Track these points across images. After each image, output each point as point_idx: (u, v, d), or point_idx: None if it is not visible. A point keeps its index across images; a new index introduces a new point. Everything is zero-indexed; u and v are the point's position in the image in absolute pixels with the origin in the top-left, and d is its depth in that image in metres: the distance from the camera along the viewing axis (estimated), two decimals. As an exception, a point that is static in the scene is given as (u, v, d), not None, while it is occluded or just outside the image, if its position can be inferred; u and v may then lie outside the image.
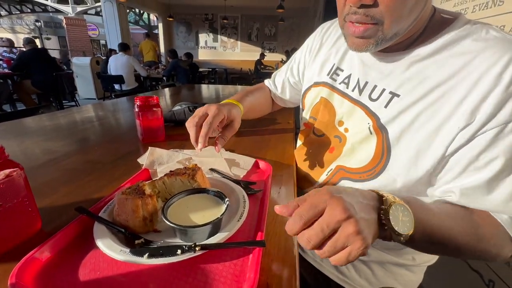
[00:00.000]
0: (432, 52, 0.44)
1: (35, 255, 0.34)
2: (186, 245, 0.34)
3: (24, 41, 3.97)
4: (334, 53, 0.62)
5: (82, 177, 0.59)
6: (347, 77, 0.57)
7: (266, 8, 8.52)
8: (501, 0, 0.88)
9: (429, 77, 0.43)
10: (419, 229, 0.35)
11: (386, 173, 0.48)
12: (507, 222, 0.39)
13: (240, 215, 0.41)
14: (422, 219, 0.36)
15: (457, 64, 0.41)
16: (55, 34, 13.15)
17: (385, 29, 0.41)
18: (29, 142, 0.81)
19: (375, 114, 0.49)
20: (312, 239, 0.30)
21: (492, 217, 0.41)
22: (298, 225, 0.30)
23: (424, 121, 0.43)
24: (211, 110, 0.54)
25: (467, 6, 1.04)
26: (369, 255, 0.58)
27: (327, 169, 0.59)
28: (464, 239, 0.38)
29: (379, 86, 0.50)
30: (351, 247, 0.29)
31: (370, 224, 0.31)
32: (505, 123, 0.37)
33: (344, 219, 0.29)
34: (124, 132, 0.99)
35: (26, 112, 1.28)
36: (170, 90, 2.21)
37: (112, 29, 6.98)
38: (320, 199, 0.31)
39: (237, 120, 0.59)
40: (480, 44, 0.40)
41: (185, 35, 9.99)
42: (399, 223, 0.32)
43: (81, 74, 5.60)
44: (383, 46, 0.44)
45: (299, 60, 0.74)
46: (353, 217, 0.29)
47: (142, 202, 0.39)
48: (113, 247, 0.35)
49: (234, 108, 0.61)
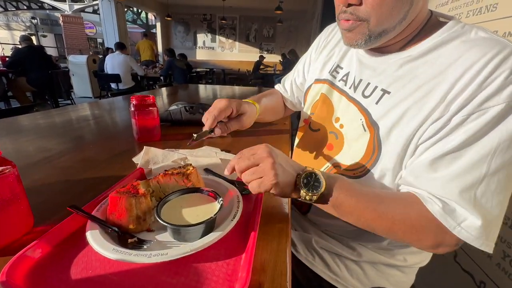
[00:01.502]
0: (423, 52, 0.47)
1: (27, 253, 0.33)
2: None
3: (20, 38, 3.94)
4: (336, 52, 0.64)
5: (76, 175, 0.59)
6: (346, 75, 0.59)
7: (265, 9, 8.55)
8: (494, 6, 0.89)
9: (419, 76, 0.46)
10: (328, 195, 0.43)
11: (376, 168, 0.50)
12: (439, 212, 0.40)
13: (234, 215, 0.41)
14: (337, 188, 0.43)
15: (444, 63, 0.43)
16: (52, 31, 13.03)
17: (371, 26, 0.45)
18: (23, 140, 0.80)
19: (367, 110, 0.51)
20: (240, 164, 0.42)
21: (422, 205, 0.42)
22: (236, 159, 0.43)
23: (412, 115, 0.44)
24: (220, 103, 0.57)
25: (462, 11, 1.06)
26: (361, 255, 0.58)
27: (323, 167, 0.60)
28: (377, 215, 0.42)
29: (372, 84, 0.52)
30: (263, 178, 0.40)
31: (286, 175, 0.41)
32: (468, 115, 0.39)
33: (266, 157, 0.41)
34: (119, 131, 0.99)
35: (20, 110, 1.26)
36: (167, 90, 2.20)
37: (110, 27, 6.94)
38: (259, 147, 0.43)
39: (247, 115, 0.62)
40: (467, 44, 0.42)
41: (183, 35, 9.97)
42: (310, 186, 0.42)
43: (77, 72, 5.56)
44: (374, 42, 0.47)
45: (305, 60, 0.76)
46: (272, 158, 0.40)
47: (135, 201, 0.39)
48: (106, 245, 0.34)
49: (248, 105, 0.63)
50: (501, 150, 0.38)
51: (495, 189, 0.39)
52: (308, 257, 0.60)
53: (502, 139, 0.37)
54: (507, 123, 0.37)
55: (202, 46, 10.08)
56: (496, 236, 0.40)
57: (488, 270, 0.86)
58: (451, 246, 0.42)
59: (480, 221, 0.38)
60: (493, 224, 0.40)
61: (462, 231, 0.39)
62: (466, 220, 0.39)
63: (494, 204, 0.39)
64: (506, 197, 0.40)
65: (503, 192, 0.39)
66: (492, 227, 0.40)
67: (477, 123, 0.38)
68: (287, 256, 0.38)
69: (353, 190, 0.44)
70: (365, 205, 0.43)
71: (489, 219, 0.39)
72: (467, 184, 0.39)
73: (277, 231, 0.43)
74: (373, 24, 0.44)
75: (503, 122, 0.38)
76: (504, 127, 0.37)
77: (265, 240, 0.41)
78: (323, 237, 0.62)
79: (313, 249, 0.60)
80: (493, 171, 0.38)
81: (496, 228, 0.40)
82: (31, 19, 11.97)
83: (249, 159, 0.41)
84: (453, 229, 0.39)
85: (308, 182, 0.43)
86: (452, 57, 0.43)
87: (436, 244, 0.42)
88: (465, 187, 0.39)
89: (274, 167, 0.40)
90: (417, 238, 0.42)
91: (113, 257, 0.33)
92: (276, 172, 0.40)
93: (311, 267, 0.59)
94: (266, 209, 0.48)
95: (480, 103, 0.38)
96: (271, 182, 0.40)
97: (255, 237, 0.38)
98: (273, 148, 0.43)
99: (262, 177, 0.40)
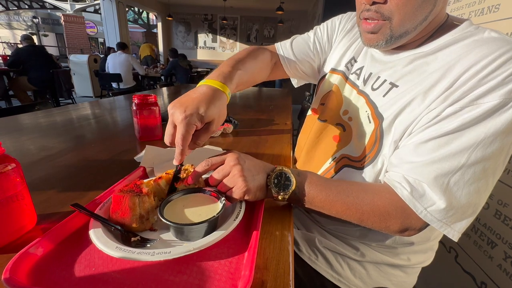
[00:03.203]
0: (435, 49, 0.47)
1: (30, 250, 0.33)
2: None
3: (21, 38, 3.95)
4: (354, 46, 0.64)
5: (78, 174, 0.59)
6: (360, 69, 0.60)
7: (266, 10, 8.54)
8: (496, 7, 0.89)
9: (427, 70, 0.46)
10: (299, 192, 0.45)
11: (378, 158, 0.51)
12: (408, 197, 0.42)
13: (237, 215, 0.41)
14: (308, 184, 0.45)
15: (454, 59, 0.44)
16: (53, 31, 13.05)
17: (394, 26, 0.45)
18: (25, 139, 0.81)
19: (373, 102, 0.53)
20: (214, 177, 0.43)
21: (389, 193, 0.44)
22: (205, 168, 0.44)
23: (415, 106, 0.45)
24: (178, 124, 0.41)
25: (464, 11, 1.06)
26: (364, 255, 0.58)
27: (331, 157, 0.60)
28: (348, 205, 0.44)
29: (381, 77, 0.53)
30: (235, 186, 0.42)
31: (256, 178, 0.43)
32: (462, 107, 0.40)
33: (233, 165, 0.42)
34: (120, 130, 0.99)
35: (22, 109, 1.26)
36: (168, 89, 2.21)
37: (111, 27, 6.94)
38: (227, 155, 0.44)
39: (216, 121, 0.45)
40: (478, 43, 0.43)
41: (184, 34, 9.97)
42: (281, 185, 0.44)
43: (78, 71, 5.57)
44: (394, 43, 0.48)
45: (327, 30, 0.70)
46: (240, 165, 0.42)
47: (139, 200, 0.39)
48: (109, 243, 0.34)
49: (213, 101, 0.44)
50: (483, 144, 0.39)
51: (468, 180, 0.40)
52: (311, 256, 0.60)
53: (488, 134, 0.39)
54: (495, 120, 0.38)
55: (203, 46, 10.07)
56: (462, 227, 0.42)
57: (489, 271, 0.86)
58: (417, 230, 0.44)
59: (444, 205, 0.40)
60: (459, 212, 0.41)
61: (427, 215, 0.41)
62: (433, 205, 0.41)
63: (463, 193, 0.40)
64: (478, 189, 0.41)
65: (475, 184, 0.40)
66: (456, 214, 0.41)
67: (469, 116, 0.39)
68: (290, 255, 0.38)
69: (323, 185, 0.46)
70: (334, 198, 0.45)
71: (454, 205, 0.40)
72: (443, 170, 0.40)
73: (280, 230, 0.43)
74: (395, 24, 0.45)
75: (492, 118, 0.38)
76: (493, 124, 0.38)
77: (267, 239, 0.41)
78: (327, 237, 0.62)
79: (316, 248, 0.61)
80: (471, 162, 0.39)
81: (462, 216, 0.41)
82: (32, 18, 11.99)
83: (219, 172, 0.43)
84: (420, 213, 0.41)
85: (279, 181, 0.45)
86: (462, 53, 0.43)
87: (403, 229, 0.44)
88: (441, 173, 0.40)
89: (243, 174, 0.42)
90: (385, 225, 0.44)
91: (116, 255, 0.33)
92: (245, 178, 0.42)
93: (313, 266, 0.59)
94: (269, 208, 0.48)
95: (476, 97, 0.39)
96: (242, 190, 0.42)
97: (257, 236, 0.38)
98: (240, 154, 0.44)
99: (234, 186, 0.42)
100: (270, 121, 1.14)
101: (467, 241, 0.98)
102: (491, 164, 0.40)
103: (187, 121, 0.40)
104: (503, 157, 0.40)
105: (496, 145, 0.39)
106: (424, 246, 0.60)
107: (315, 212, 0.62)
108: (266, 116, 0.96)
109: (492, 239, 0.87)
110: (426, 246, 0.60)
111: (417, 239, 0.57)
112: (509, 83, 0.38)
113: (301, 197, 0.45)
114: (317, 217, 0.64)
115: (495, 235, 0.86)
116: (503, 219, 0.84)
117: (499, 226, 0.85)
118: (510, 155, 0.42)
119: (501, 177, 0.83)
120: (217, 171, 0.44)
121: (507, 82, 0.38)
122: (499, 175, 0.42)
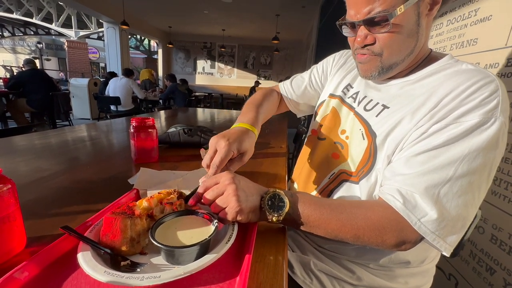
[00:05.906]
0: (421, 78, 0.54)
1: (15, 275, 0.32)
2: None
3: (24, 62, 4.05)
4: (350, 75, 0.71)
5: (71, 196, 0.58)
6: (356, 93, 0.66)
7: (262, 39, 9.00)
8: (474, 40, 0.97)
9: (415, 94, 0.53)
10: (294, 213, 0.45)
11: (373, 172, 0.54)
12: (401, 208, 0.44)
13: (229, 238, 0.41)
14: (301, 204, 0.46)
15: (437, 84, 0.50)
16: (56, 55, 13.44)
17: (383, 59, 0.53)
18: (19, 160, 0.80)
19: (367, 121, 0.58)
20: (207, 196, 0.44)
21: (383, 206, 0.46)
22: (203, 189, 0.45)
23: (404, 124, 0.50)
24: (220, 149, 0.51)
25: (445, 44, 1.14)
26: (361, 279, 0.57)
27: (330, 173, 0.63)
28: (342, 223, 0.45)
29: (374, 100, 0.60)
30: (228, 206, 0.42)
31: (249, 200, 0.44)
32: (446, 125, 0.45)
33: (228, 184, 0.43)
34: (116, 152, 0.99)
35: (18, 130, 1.27)
36: (166, 113, 2.24)
37: (113, 53, 7.19)
38: (221, 175, 0.45)
39: (248, 153, 0.56)
40: (457, 72, 0.50)
41: (184, 61, 10.34)
42: (275, 207, 0.45)
43: (77, 94, 5.66)
44: (386, 74, 0.55)
45: (323, 67, 0.81)
46: (234, 184, 0.43)
47: (131, 222, 0.39)
48: (97, 268, 0.34)
49: (247, 138, 0.56)
50: (468, 159, 0.42)
51: (456, 192, 0.42)
52: (305, 279, 0.58)
53: (472, 149, 0.42)
54: (477, 137, 0.43)
55: (201, 72, 10.41)
56: (454, 241, 0.43)
57: (491, 299, 0.83)
58: (413, 243, 0.45)
59: (436, 215, 0.42)
60: (449, 224, 0.42)
61: (421, 226, 0.42)
62: (426, 216, 0.42)
63: (452, 205, 0.42)
64: (465, 203, 0.43)
65: (463, 197, 0.43)
66: (447, 227, 0.42)
67: (454, 132, 0.44)
68: (284, 279, 0.37)
69: (316, 204, 0.46)
70: (329, 216, 0.45)
71: (445, 216, 0.42)
72: (434, 181, 0.43)
73: (274, 253, 0.43)
74: (385, 58, 0.52)
75: (474, 135, 0.43)
76: (476, 140, 0.43)
77: (261, 262, 0.40)
78: (322, 259, 0.61)
79: (311, 271, 0.59)
80: (458, 175, 0.42)
81: (452, 229, 0.43)
82: (36, 44, 12.39)
83: (213, 190, 0.44)
84: (414, 224, 0.43)
85: (273, 203, 0.45)
86: (444, 80, 0.50)
87: (400, 242, 0.44)
88: (431, 184, 0.43)
89: (237, 193, 0.42)
90: (382, 240, 0.45)
91: (104, 279, 0.32)
92: (239, 198, 0.42)
93: (308, 291, 0.57)
94: (262, 230, 0.48)
95: (459, 116, 0.44)
96: (235, 210, 0.42)
97: (249, 259, 0.38)
98: (235, 174, 0.46)
99: (227, 206, 0.42)
100: (266, 145, 1.15)
101: (466, 268, 0.96)
102: (476, 178, 0.43)
103: (228, 148, 0.50)
104: (486, 173, 0.44)
105: (480, 160, 0.42)
106: (421, 269, 0.59)
107: (311, 233, 0.61)
108: (262, 140, 0.98)
109: (491, 265, 0.86)
110: (422, 269, 0.59)
111: (413, 259, 0.57)
112: (485, 105, 0.43)
113: (296, 217, 0.46)
114: (312, 236, 0.63)
115: (493, 261, 0.85)
116: (499, 244, 0.83)
117: (495, 251, 0.84)
118: (493, 172, 0.45)
119: (494, 201, 0.84)
120: (211, 190, 0.44)
121: (483, 104, 0.44)
122: (484, 192, 0.45)
